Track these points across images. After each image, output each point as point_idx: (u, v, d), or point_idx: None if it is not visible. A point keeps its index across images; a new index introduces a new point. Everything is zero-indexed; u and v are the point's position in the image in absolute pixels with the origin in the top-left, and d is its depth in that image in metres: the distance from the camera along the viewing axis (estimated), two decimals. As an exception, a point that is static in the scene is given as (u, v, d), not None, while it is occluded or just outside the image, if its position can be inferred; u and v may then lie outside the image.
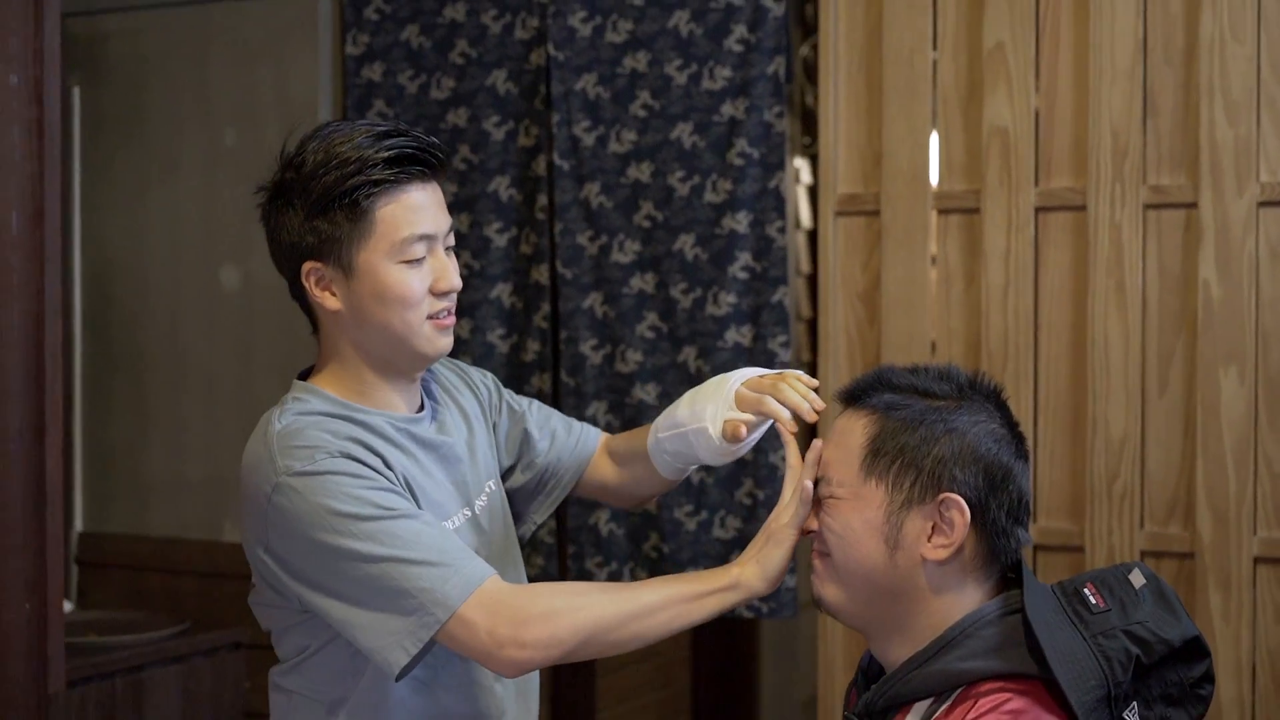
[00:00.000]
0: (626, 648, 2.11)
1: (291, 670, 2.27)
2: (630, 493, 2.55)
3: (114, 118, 4.31)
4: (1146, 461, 3.21)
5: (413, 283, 2.19)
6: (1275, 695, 3.12)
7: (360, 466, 2.14)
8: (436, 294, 2.21)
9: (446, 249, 2.25)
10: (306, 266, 2.23)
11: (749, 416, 2.23)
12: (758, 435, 2.28)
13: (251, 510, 2.19)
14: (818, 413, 2.16)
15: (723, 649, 5.60)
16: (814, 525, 2.00)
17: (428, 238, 2.20)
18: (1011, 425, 1.97)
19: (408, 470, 2.22)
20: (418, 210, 2.19)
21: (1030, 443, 3.27)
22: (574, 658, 2.09)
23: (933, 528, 1.90)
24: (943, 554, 1.90)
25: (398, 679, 2.10)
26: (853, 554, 1.94)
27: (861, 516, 1.93)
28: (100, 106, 4.33)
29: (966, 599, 1.92)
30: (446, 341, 2.25)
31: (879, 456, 1.93)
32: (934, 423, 1.92)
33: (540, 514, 2.53)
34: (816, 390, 2.21)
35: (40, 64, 3.13)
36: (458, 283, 2.23)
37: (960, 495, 1.89)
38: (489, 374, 2.52)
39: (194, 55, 4.20)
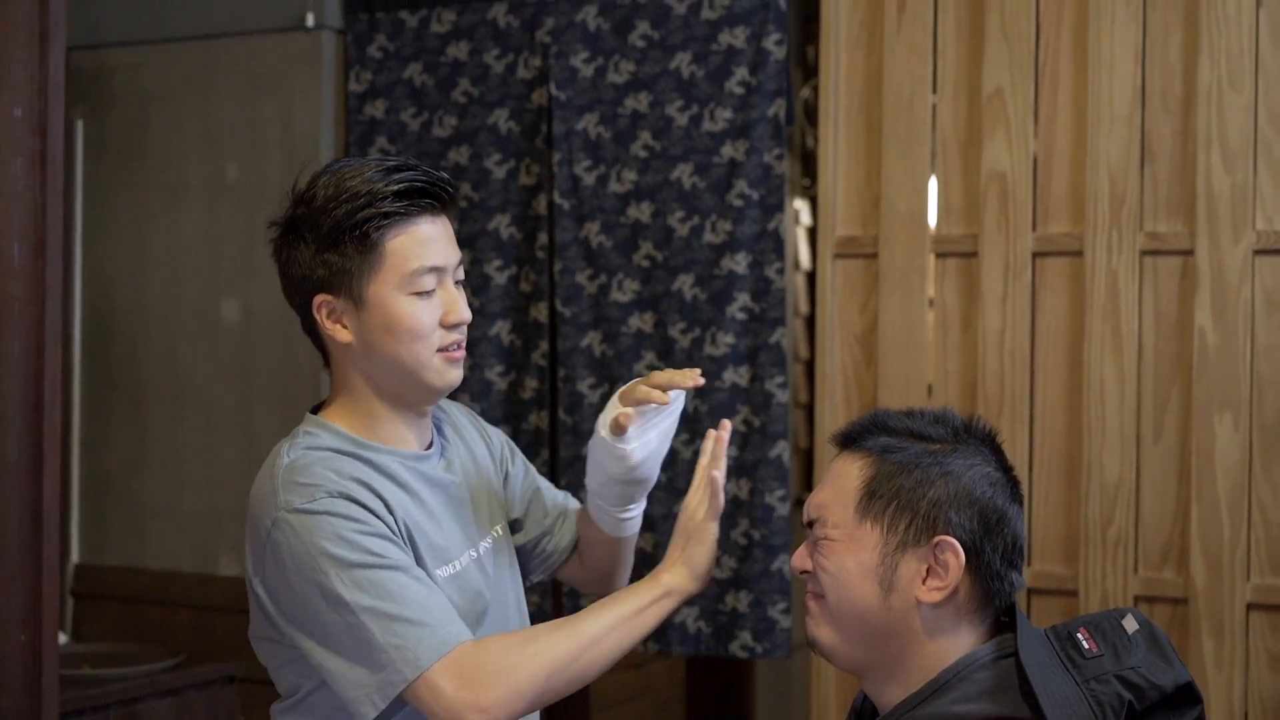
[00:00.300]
0: (586, 679, 2.14)
1: (290, 709, 2.27)
2: (594, 565, 2.51)
3: (117, 150, 4.33)
4: (1141, 506, 3.22)
5: (422, 315, 2.19)
6: (1267, 742, 3.12)
7: (359, 509, 2.13)
8: (446, 326, 2.21)
9: (456, 282, 2.25)
10: (318, 299, 2.24)
11: (628, 409, 2.21)
12: (648, 426, 2.22)
13: (253, 541, 2.20)
14: (696, 381, 2.18)
15: (717, 689, 5.59)
16: (808, 566, 2.00)
17: (437, 270, 2.20)
18: (1006, 469, 1.98)
19: (410, 514, 2.21)
20: (427, 243, 2.20)
21: (1025, 486, 3.26)
22: (541, 704, 2.11)
23: (927, 570, 1.91)
24: (937, 596, 1.90)
25: None
26: (846, 595, 1.94)
27: (856, 558, 1.93)
28: (103, 138, 4.35)
29: (960, 642, 1.93)
30: (456, 374, 2.25)
31: (874, 499, 1.93)
32: (929, 466, 1.93)
33: (536, 574, 2.53)
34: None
35: (44, 96, 3.15)
36: (468, 315, 2.23)
37: (955, 538, 1.90)
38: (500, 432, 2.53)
39: (198, 89, 4.22)
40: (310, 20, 4.05)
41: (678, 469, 3.73)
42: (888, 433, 1.97)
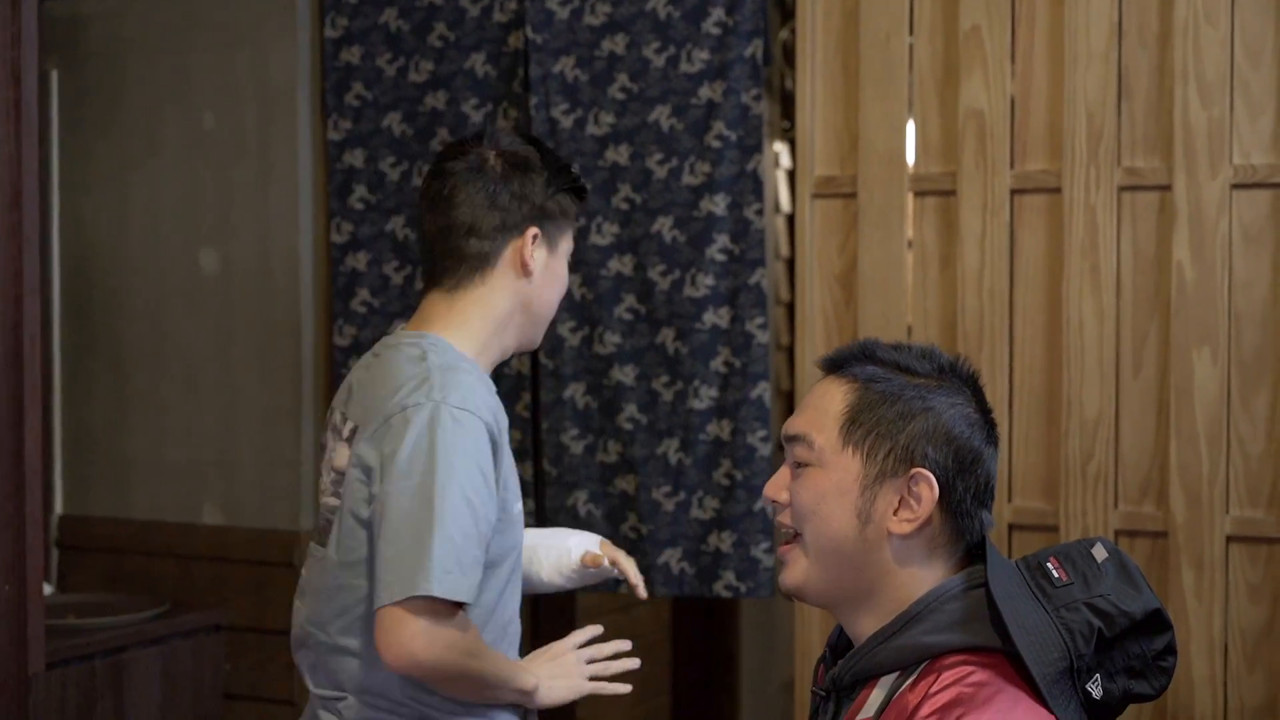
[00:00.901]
0: (448, 693, 2.46)
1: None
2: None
3: (93, 101, 4.31)
4: (1120, 442, 3.23)
5: (567, 282, 2.64)
6: (1247, 673, 3.14)
7: (489, 449, 2.41)
8: None
9: None
10: (533, 229, 2.53)
11: (604, 561, 2.82)
12: (591, 579, 2.88)
13: (381, 421, 2.41)
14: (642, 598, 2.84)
15: (702, 628, 5.62)
16: (783, 497, 2.00)
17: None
18: (985, 411, 1.99)
19: (506, 447, 2.49)
20: None
21: (1005, 423, 3.30)
22: (430, 682, 2.42)
23: (900, 501, 1.93)
24: (908, 528, 1.92)
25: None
26: (824, 527, 1.95)
27: (837, 486, 1.95)
28: (79, 90, 4.33)
29: (931, 574, 1.95)
30: None
31: (856, 426, 1.94)
32: (912, 399, 1.94)
33: None
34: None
35: (18, 46, 3.13)
36: None
37: (930, 472, 1.92)
38: None
39: (173, 39, 4.20)
40: (285, -32, 4.03)
41: (658, 412, 3.74)
42: (874, 362, 1.98)
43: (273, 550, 4.02)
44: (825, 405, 1.98)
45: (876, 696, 1.93)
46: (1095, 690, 1.89)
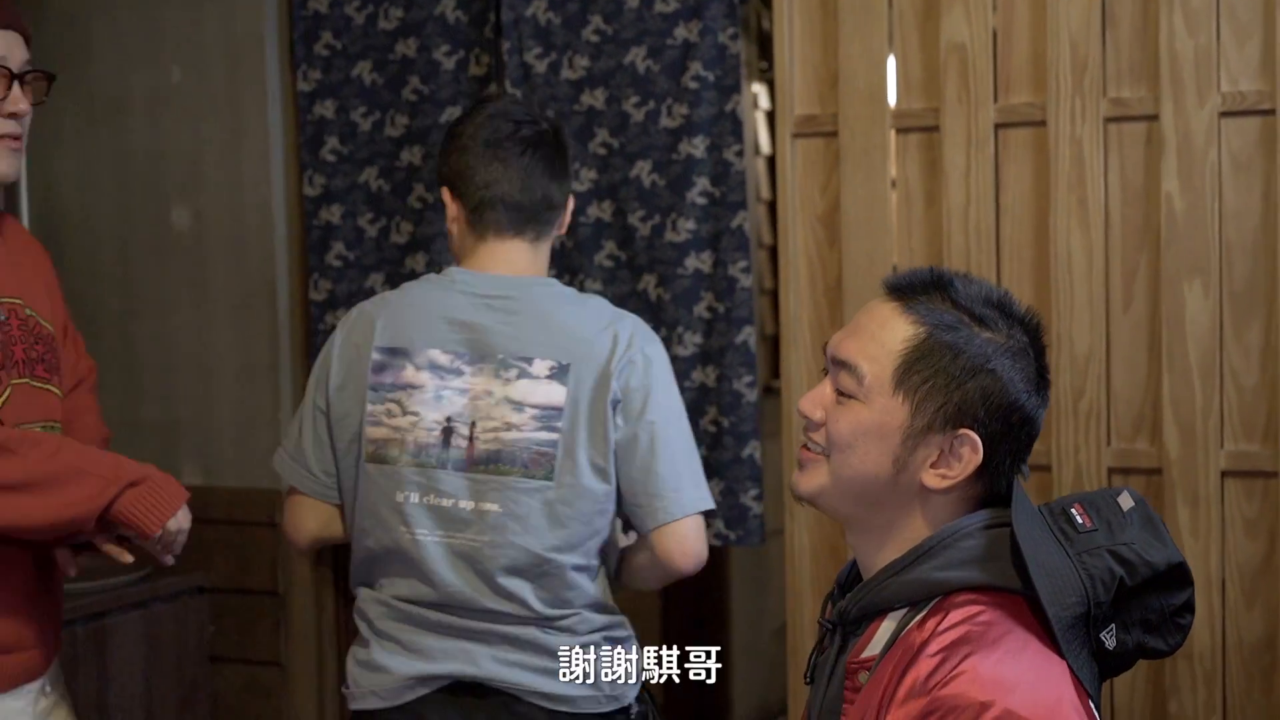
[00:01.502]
0: None
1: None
2: None
3: (58, 59, 4.22)
4: (1112, 378, 3.18)
5: None
6: (1245, 609, 3.10)
7: None
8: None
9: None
10: (571, 195, 2.91)
11: None
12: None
13: (603, 358, 2.73)
14: None
15: (692, 579, 5.57)
16: (819, 416, 1.93)
17: None
18: (1042, 368, 1.92)
19: None
20: None
21: (995, 362, 3.24)
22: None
23: (939, 455, 1.87)
24: (943, 484, 1.87)
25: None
26: (857, 463, 1.90)
27: (879, 429, 1.88)
28: (45, 48, 4.24)
29: (950, 515, 1.91)
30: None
31: (911, 371, 1.87)
32: (975, 356, 1.86)
33: None
34: None
35: (-22, 2, 3.05)
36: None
37: (977, 435, 1.86)
38: None
39: (137, -10, 4.12)
40: (248, -86, 3.95)
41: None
42: (946, 300, 1.89)
43: (254, 510, 3.97)
44: (883, 337, 1.89)
45: (884, 631, 1.89)
46: (1109, 640, 1.85)
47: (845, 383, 1.90)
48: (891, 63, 3.37)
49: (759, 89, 5.67)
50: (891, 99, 3.36)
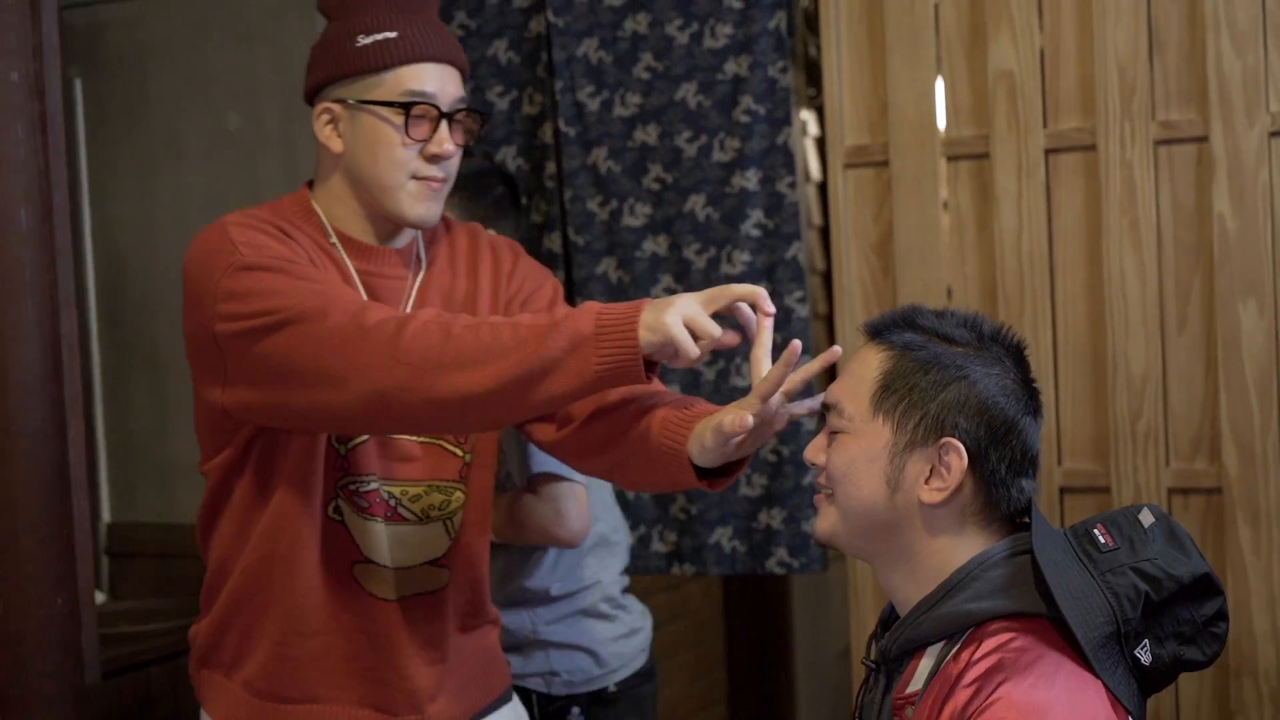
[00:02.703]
0: None
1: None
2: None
3: (117, 107, 4.31)
4: (1169, 399, 3.20)
5: None
6: (1309, 626, 3.11)
7: None
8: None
9: None
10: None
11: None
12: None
13: None
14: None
15: (755, 606, 5.61)
16: (821, 460, 2.02)
17: None
18: (1027, 382, 1.98)
19: None
20: None
21: (1051, 386, 3.26)
22: None
23: (930, 470, 1.93)
24: (938, 497, 1.93)
25: None
26: (854, 492, 1.97)
27: (866, 453, 1.96)
28: (103, 96, 4.33)
29: (966, 542, 1.95)
30: None
31: (889, 393, 1.95)
32: (947, 367, 1.94)
33: None
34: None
35: (40, 59, 3.13)
36: None
37: (960, 442, 1.91)
38: None
39: (193, 40, 4.19)
40: (301, -38, 4.02)
41: (701, 391, 3.72)
42: (914, 329, 1.99)
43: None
44: (861, 373, 1.99)
45: (924, 667, 1.93)
46: (1144, 656, 1.88)
47: (835, 422, 2.00)
48: (940, 90, 3.40)
49: (808, 116, 5.71)
50: (941, 127, 3.39)
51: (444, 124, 2.47)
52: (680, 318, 2.12)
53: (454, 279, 2.62)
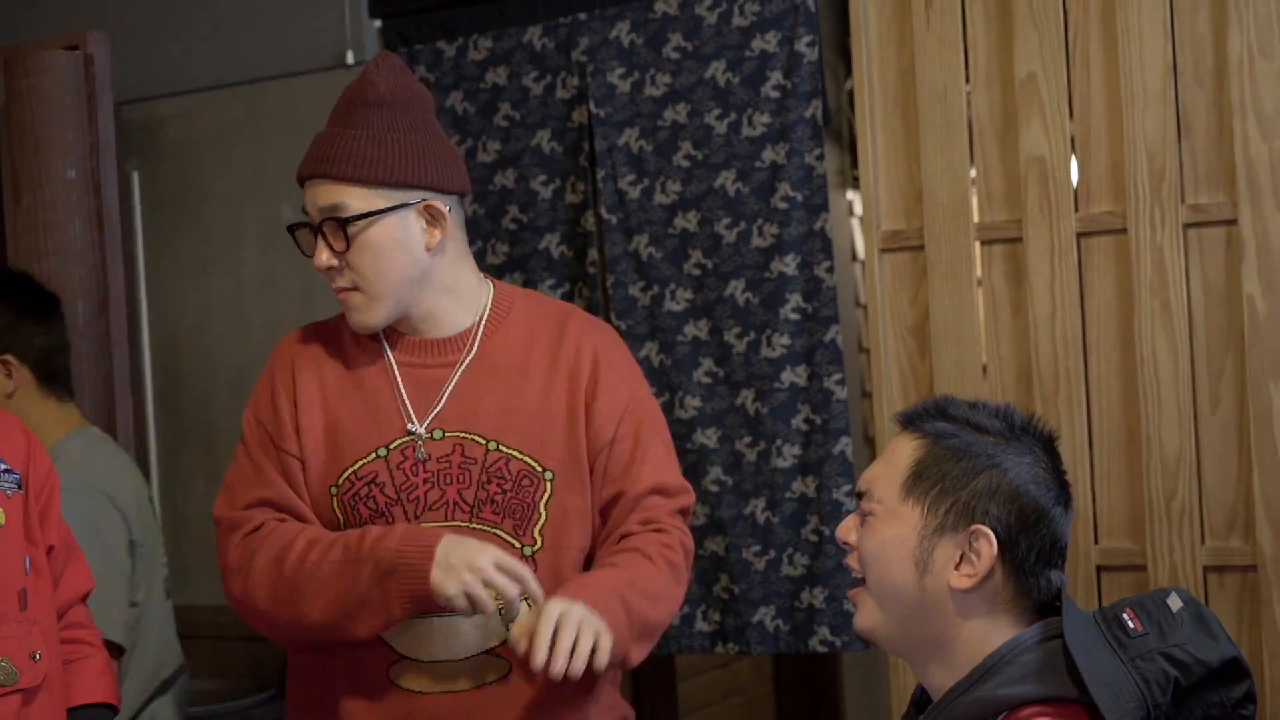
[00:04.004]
0: None
1: None
2: None
3: (173, 199, 4.41)
4: (1203, 477, 3.23)
5: None
6: (1346, 703, 3.13)
7: None
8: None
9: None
10: None
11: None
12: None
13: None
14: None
15: (806, 682, 5.62)
16: (851, 539, 2.06)
17: None
18: (1057, 472, 2.02)
19: None
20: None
21: (1086, 465, 3.30)
22: None
23: (961, 557, 1.96)
24: (968, 583, 1.96)
25: None
26: (885, 574, 2.01)
27: (896, 535, 2.00)
28: (160, 189, 4.43)
29: (999, 628, 1.97)
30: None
31: (920, 480, 2.00)
32: (979, 455, 1.98)
33: None
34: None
35: (96, 156, 3.24)
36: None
37: (990, 529, 1.95)
38: None
39: (247, 133, 4.29)
40: (350, 57, 4.12)
41: (742, 472, 3.77)
42: (947, 418, 2.03)
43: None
44: (894, 460, 2.03)
45: None
46: None
47: (866, 506, 2.04)
48: (973, 175, 3.46)
49: (853, 196, 5.76)
50: (975, 211, 3.45)
51: (317, 237, 2.61)
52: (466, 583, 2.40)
53: (511, 359, 2.67)
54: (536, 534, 2.61)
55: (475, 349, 2.65)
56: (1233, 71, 3.17)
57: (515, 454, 2.60)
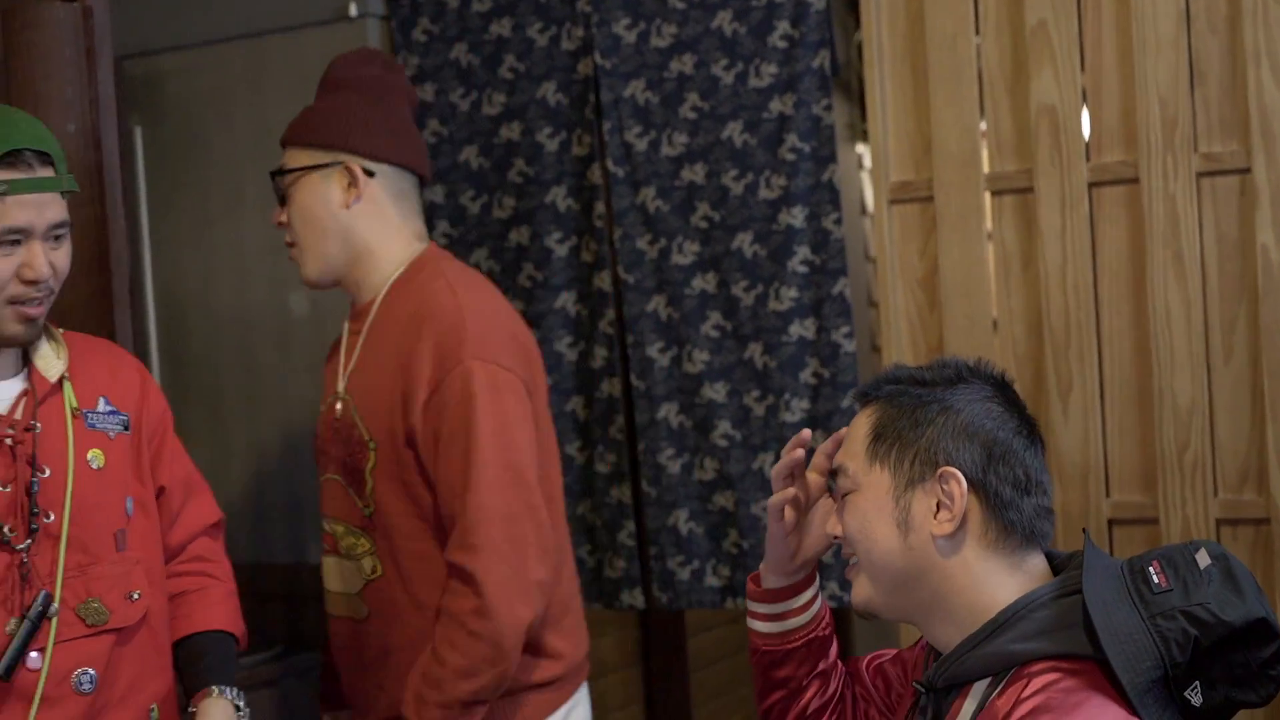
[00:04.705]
0: None
1: None
2: None
3: (175, 155, 4.38)
4: (1216, 430, 3.20)
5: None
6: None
7: None
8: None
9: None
10: None
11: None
12: None
13: None
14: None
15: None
16: (837, 530, 2.06)
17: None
18: (1014, 406, 2.03)
19: None
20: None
21: (1098, 418, 3.27)
22: None
23: (937, 504, 1.96)
24: (949, 528, 1.95)
25: None
26: (871, 546, 2.01)
27: (874, 504, 2.00)
28: (163, 144, 4.40)
29: (993, 571, 1.96)
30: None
31: (880, 441, 2.01)
32: (929, 404, 2.00)
33: None
34: None
35: (96, 110, 3.19)
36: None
37: (956, 468, 1.94)
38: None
39: (249, 88, 4.25)
40: (353, 10, 4.07)
41: (751, 426, 3.74)
42: (893, 381, 2.05)
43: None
44: (855, 433, 2.06)
45: (969, 706, 1.94)
46: (1195, 698, 1.88)
47: (841, 484, 2.06)
48: (983, 126, 3.42)
49: (862, 149, 5.73)
50: (985, 162, 3.41)
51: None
52: None
53: (386, 332, 3.06)
54: (369, 496, 2.98)
55: (375, 314, 2.97)
56: (1246, 17, 3.12)
57: (358, 421, 2.96)
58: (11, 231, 2.47)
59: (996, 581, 1.96)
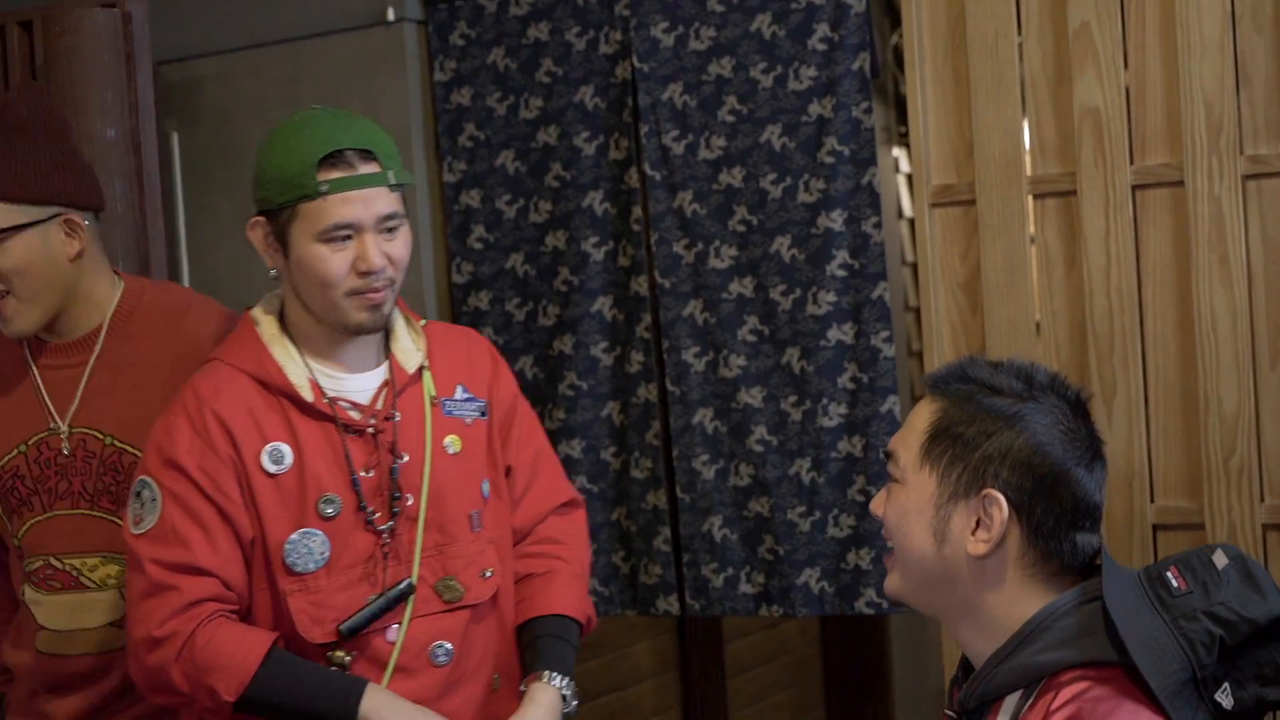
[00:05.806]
0: None
1: None
2: None
3: (212, 159, 4.38)
4: (1262, 434, 3.17)
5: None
6: None
7: None
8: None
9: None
10: None
11: None
12: None
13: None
14: None
15: (853, 644, 5.59)
16: (880, 511, 2.05)
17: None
18: (1082, 430, 1.98)
19: None
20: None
21: (1142, 423, 3.24)
22: None
23: (976, 522, 1.93)
24: (983, 549, 1.93)
25: None
26: (906, 544, 2.00)
27: (915, 505, 1.98)
28: (200, 149, 4.40)
29: (1028, 595, 1.95)
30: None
31: (936, 442, 1.98)
32: (994, 417, 1.96)
33: None
34: None
35: (135, 116, 3.20)
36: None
37: (1001, 494, 1.91)
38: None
39: (286, 92, 4.25)
40: (391, 14, 4.07)
41: (787, 432, 3.72)
42: (966, 380, 2.00)
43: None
44: (914, 423, 2.02)
45: (1003, 717, 1.93)
46: (1225, 700, 1.87)
47: (891, 470, 2.03)
48: (1025, 129, 3.40)
49: (899, 153, 5.71)
50: (1027, 165, 3.38)
51: None
52: None
53: (135, 357, 2.93)
54: None
55: (100, 348, 2.86)
56: (1293, 18, 3.09)
57: (129, 448, 2.79)
58: (339, 227, 2.63)
59: (1027, 597, 1.95)
